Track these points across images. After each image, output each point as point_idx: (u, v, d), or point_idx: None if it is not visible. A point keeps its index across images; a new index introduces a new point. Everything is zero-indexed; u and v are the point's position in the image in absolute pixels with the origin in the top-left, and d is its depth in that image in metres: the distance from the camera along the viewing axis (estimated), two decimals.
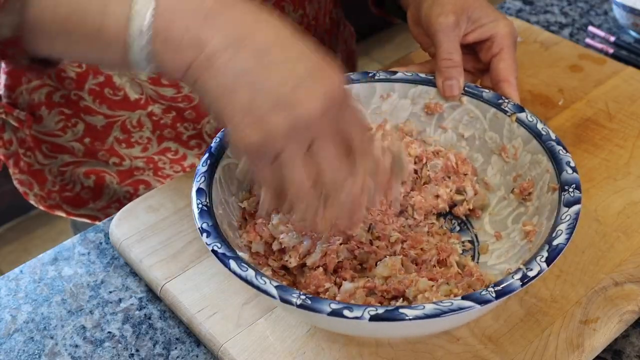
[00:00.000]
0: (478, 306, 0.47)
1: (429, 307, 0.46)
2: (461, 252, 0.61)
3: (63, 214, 0.88)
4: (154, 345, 0.59)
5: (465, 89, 0.66)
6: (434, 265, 0.58)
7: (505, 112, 0.63)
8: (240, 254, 0.52)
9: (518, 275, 0.48)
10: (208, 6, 0.46)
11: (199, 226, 0.53)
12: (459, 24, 0.66)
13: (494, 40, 0.67)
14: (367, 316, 0.46)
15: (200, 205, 0.54)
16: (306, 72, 0.46)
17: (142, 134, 0.81)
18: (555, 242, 0.51)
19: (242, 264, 0.50)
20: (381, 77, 0.67)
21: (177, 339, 0.60)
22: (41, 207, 0.88)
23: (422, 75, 0.68)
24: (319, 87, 0.46)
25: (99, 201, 0.86)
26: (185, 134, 0.82)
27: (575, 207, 0.53)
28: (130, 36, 0.45)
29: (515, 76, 0.66)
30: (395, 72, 0.68)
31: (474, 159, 0.66)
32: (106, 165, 0.83)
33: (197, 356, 0.58)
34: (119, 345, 0.59)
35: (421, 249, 0.59)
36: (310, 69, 0.46)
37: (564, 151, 0.58)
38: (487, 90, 0.65)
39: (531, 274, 0.49)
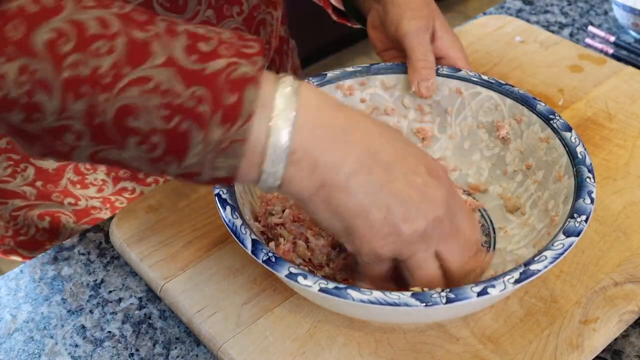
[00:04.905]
0: (422, 307, 0.47)
1: (376, 295, 0.47)
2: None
3: (19, 258, 0.84)
4: (154, 345, 0.59)
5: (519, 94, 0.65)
6: None
7: (554, 129, 0.62)
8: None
9: (477, 289, 0.48)
10: (340, 124, 0.47)
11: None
12: (428, 28, 0.68)
13: (447, 59, 0.70)
14: (316, 287, 0.48)
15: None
16: (423, 181, 0.49)
17: (97, 176, 0.78)
18: (532, 267, 0.49)
19: (236, 213, 0.53)
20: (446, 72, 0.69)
21: (177, 338, 0.60)
22: None
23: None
24: (438, 193, 0.49)
25: (55, 242, 0.83)
26: None
27: (571, 240, 0.51)
28: (267, 149, 0.45)
29: (462, 56, 0.70)
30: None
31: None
32: (61, 206, 0.80)
33: (197, 356, 0.58)
34: (119, 344, 0.59)
35: None
36: (426, 176, 0.50)
37: (591, 180, 0.56)
38: (542, 103, 0.64)
39: (491, 290, 0.48)
